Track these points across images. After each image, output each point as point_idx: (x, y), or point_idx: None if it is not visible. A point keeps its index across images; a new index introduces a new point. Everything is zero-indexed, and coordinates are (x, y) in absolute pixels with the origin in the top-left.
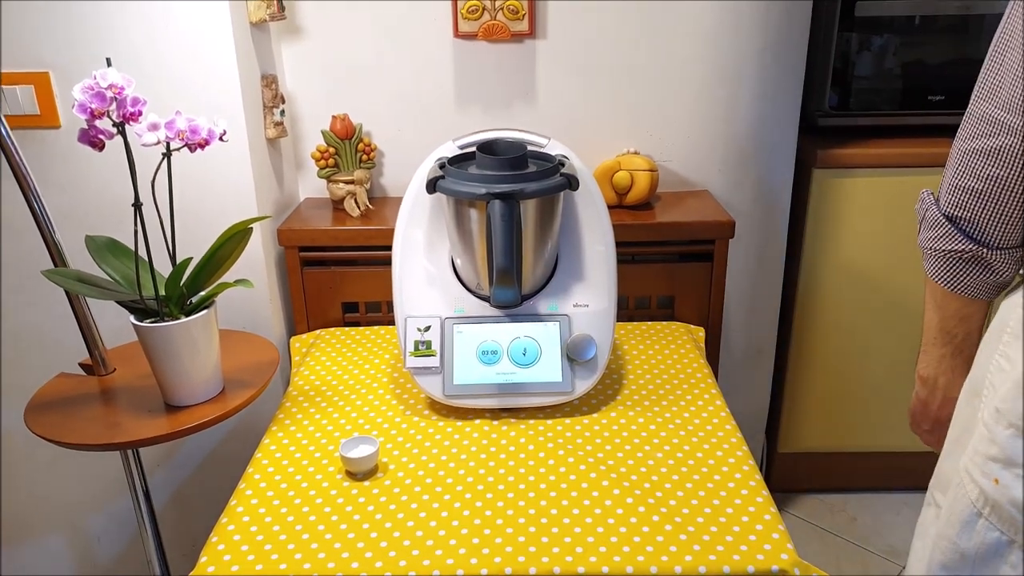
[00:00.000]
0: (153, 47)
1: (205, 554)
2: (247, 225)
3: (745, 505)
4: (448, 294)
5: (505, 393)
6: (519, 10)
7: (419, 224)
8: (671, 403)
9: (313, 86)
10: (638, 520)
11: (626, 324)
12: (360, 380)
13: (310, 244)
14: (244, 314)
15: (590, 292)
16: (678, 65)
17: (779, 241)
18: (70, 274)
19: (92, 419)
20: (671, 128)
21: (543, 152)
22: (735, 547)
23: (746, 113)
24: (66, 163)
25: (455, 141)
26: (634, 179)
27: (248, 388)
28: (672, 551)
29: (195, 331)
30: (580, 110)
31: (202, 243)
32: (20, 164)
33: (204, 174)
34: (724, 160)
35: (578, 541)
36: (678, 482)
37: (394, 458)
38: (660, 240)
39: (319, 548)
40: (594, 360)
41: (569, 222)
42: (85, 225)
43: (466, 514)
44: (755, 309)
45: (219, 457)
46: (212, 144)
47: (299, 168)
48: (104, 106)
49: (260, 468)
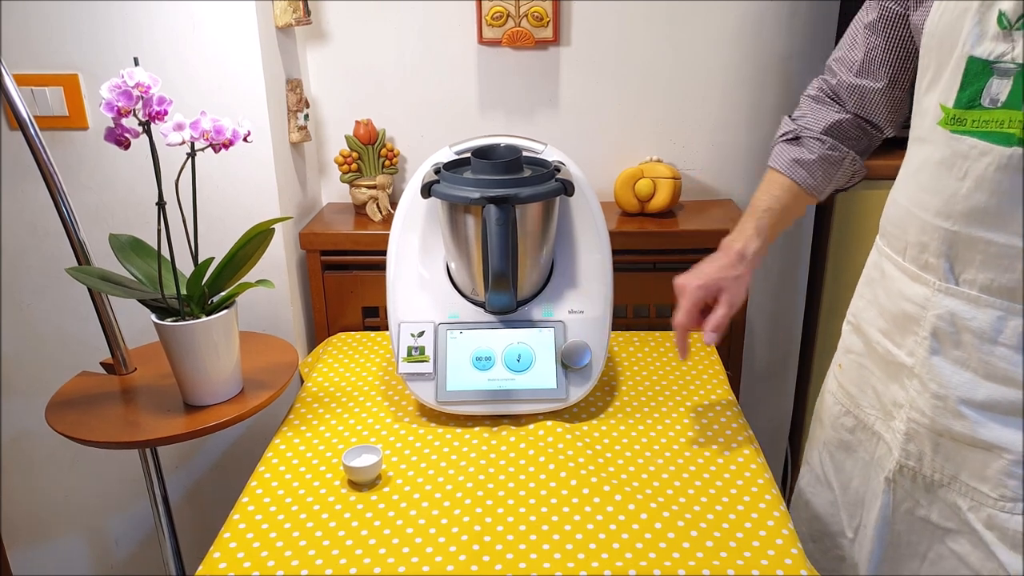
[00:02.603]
0: (180, 50)
1: (217, 549)
2: (269, 226)
3: (763, 519)
4: (442, 299)
5: (499, 400)
6: (543, 17)
7: (414, 229)
8: (683, 414)
9: (337, 91)
10: (640, 527)
11: (640, 333)
12: (371, 384)
13: (332, 248)
14: (265, 317)
15: (585, 299)
16: (702, 72)
17: (803, 252)
18: (93, 272)
19: (112, 417)
20: (695, 136)
21: (539, 158)
22: (747, 562)
23: (771, 121)
24: (93, 164)
25: (451, 147)
26: (657, 187)
27: (267, 389)
28: (675, 557)
29: (215, 331)
30: (603, 117)
31: (224, 244)
32: (48, 164)
33: (228, 177)
34: (748, 169)
35: (580, 547)
36: (680, 488)
37: (393, 465)
38: (683, 248)
39: (331, 546)
40: (588, 367)
41: (564, 228)
42: (110, 225)
43: (466, 520)
44: (778, 320)
45: (236, 459)
46: (236, 146)
47: (322, 172)
48: (130, 104)
49: (271, 467)
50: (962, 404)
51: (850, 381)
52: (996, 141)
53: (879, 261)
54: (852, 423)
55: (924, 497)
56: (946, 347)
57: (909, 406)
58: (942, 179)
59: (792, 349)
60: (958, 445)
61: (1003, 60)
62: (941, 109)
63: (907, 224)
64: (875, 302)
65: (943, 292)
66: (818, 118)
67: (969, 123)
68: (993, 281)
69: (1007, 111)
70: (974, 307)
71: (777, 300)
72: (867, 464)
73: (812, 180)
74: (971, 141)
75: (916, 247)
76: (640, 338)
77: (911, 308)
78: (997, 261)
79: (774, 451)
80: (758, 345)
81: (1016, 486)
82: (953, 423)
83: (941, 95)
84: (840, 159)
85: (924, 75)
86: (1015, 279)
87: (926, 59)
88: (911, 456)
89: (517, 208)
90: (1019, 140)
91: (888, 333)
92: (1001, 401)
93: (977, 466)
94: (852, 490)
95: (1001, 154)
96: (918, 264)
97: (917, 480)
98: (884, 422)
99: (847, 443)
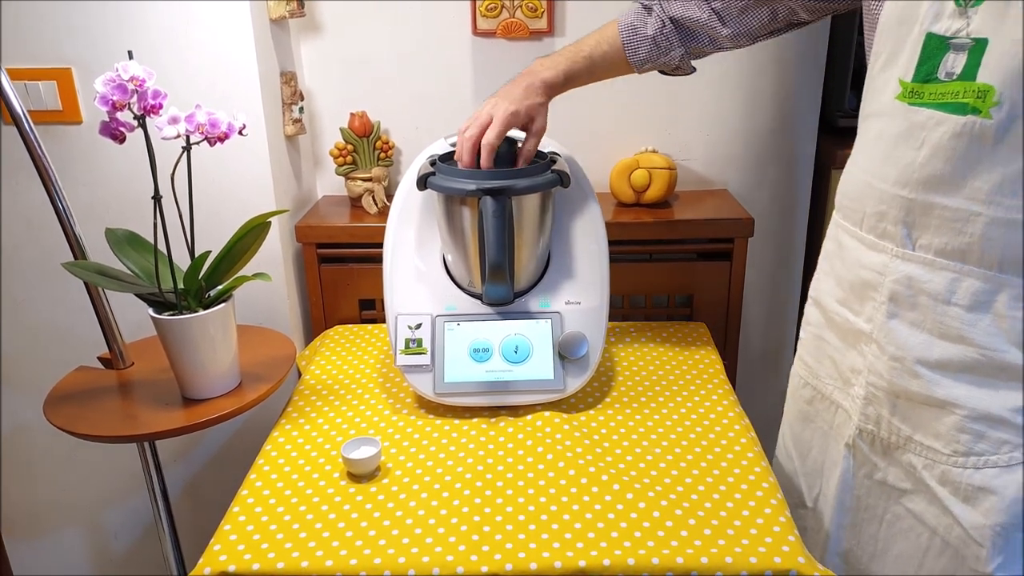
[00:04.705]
0: (174, 44)
1: (217, 542)
2: (266, 219)
3: (760, 506)
4: (439, 292)
5: (496, 391)
6: (538, 8)
7: (410, 221)
8: (680, 403)
9: (332, 83)
10: (639, 516)
11: (637, 323)
12: (368, 376)
13: (327, 241)
14: (261, 310)
15: (582, 290)
16: (698, 63)
17: (798, 241)
18: (90, 267)
19: (110, 411)
20: (690, 126)
21: None
22: (745, 550)
23: (765, 112)
24: (87, 158)
25: (447, 138)
26: (652, 177)
27: (265, 382)
28: (673, 545)
29: (213, 324)
30: (599, 108)
31: (220, 239)
32: (42, 158)
33: (223, 171)
34: (743, 159)
35: (579, 537)
36: (678, 476)
37: (391, 456)
38: (678, 239)
39: (331, 537)
40: (586, 358)
41: (561, 219)
42: (105, 220)
43: (465, 511)
44: (774, 308)
45: (235, 452)
46: (232, 139)
47: (317, 165)
48: (125, 98)
49: (270, 459)
50: (918, 364)
51: (808, 353)
52: (952, 111)
53: (836, 234)
54: (810, 394)
55: (881, 460)
56: (903, 310)
57: (868, 371)
58: (899, 149)
59: (788, 337)
60: (914, 405)
61: (959, 36)
62: (900, 84)
63: (865, 196)
64: (832, 273)
65: (900, 258)
66: (679, 4)
67: (926, 96)
68: (947, 244)
69: (962, 83)
70: (930, 270)
71: (773, 286)
72: (825, 434)
73: (636, 55)
74: (928, 112)
75: (874, 216)
76: (637, 328)
77: (869, 275)
78: (951, 225)
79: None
80: (754, 333)
81: (968, 440)
82: (910, 383)
83: (900, 71)
84: (668, 48)
85: (878, 57)
86: (967, 242)
87: (881, 41)
88: (869, 420)
89: (513, 200)
90: (972, 109)
91: (846, 302)
92: (954, 359)
93: (932, 424)
94: (811, 460)
95: (956, 122)
96: (876, 233)
97: (875, 444)
98: (843, 390)
99: (805, 413)
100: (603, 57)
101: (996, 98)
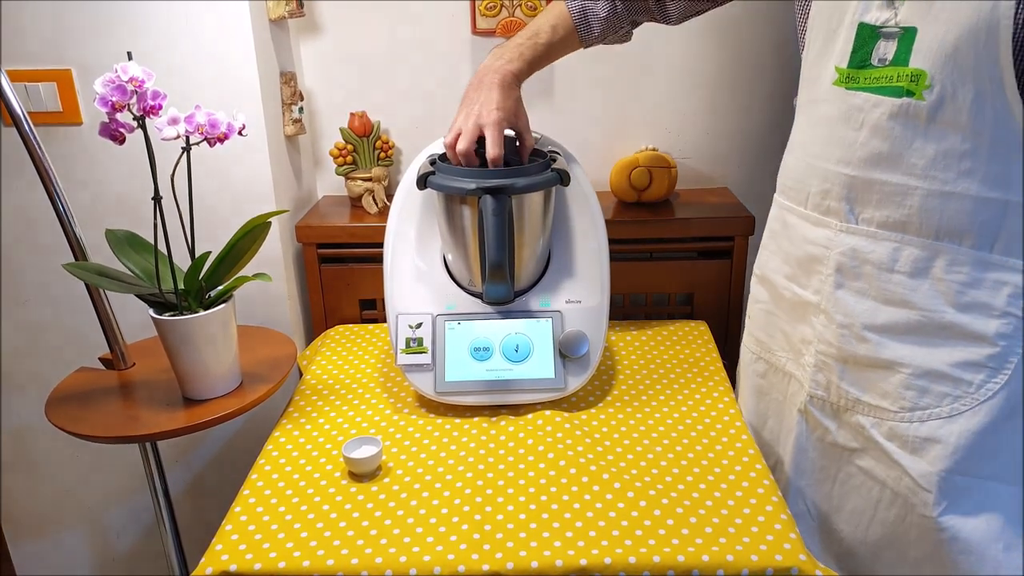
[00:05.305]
0: (173, 45)
1: (219, 541)
2: (266, 219)
3: (761, 505)
4: (439, 291)
5: (497, 390)
6: (537, 6)
7: (410, 221)
8: (680, 402)
9: (331, 83)
10: (640, 514)
11: (638, 322)
12: (369, 376)
13: (328, 241)
14: (262, 310)
15: (582, 288)
16: (697, 61)
17: None
18: (90, 268)
19: (111, 412)
20: (690, 124)
21: (535, 148)
22: (746, 547)
23: (765, 109)
24: (87, 159)
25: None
26: (652, 176)
27: (265, 383)
28: (674, 543)
29: (213, 325)
30: (598, 107)
31: (221, 239)
32: (43, 160)
33: (223, 171)
34: (743, 156)
35: (580, 535)
36: (679, 475)
37: (393, 456)
38: (679, 237)
39: (332, 537)
40: (586, 356)
41: (561, 218)
42: (105, 220)
43: (466, 510)
44: None
45: (236, 452)
46: (231, 139)
47: (317, 165)
48: (125, 99)
49: (271, 459)
50: (865, 329)
51: (759, 328)
52: (887, 94)
53: (780, 215)
54: (764, 368)
55: (832, 422)
56: (849, 280)
57: (817, 340)
58: (840, 131)
59: None
60: (861, 368)
61: (888, 25)
62: (836, 71)
63: (808, 176)
64: (779, 252)
65: (845, 232)
66: None
67: (862, 80)
68: (889, 217)
69: (895, 67)
70: (873, 241)
71: None
72: (780, 404)
73: (588, 34)
74: (864, 95)
75: (818, 195)
76: (637, 327)
77: (815, 250)
78: (892, 199)
79: None
80: None
81: (913, 396)
82: (858, 348)
83: (836, 58)
84: (618, 26)
85: (811, 47)
86: (906, 214)
87: (813, 31)
88: (819, 386)
89: (513, 198)
90: (907, 91)
91: (794, 277)
92: (899, 322)
93: (879, 384)
94: (767, 430)
95: (892, 104)
96: (820, 210)
97: (826, 408)
98: (795, 361)
99: (759, 387)
100: (561, 41)
101: (928, 81)
